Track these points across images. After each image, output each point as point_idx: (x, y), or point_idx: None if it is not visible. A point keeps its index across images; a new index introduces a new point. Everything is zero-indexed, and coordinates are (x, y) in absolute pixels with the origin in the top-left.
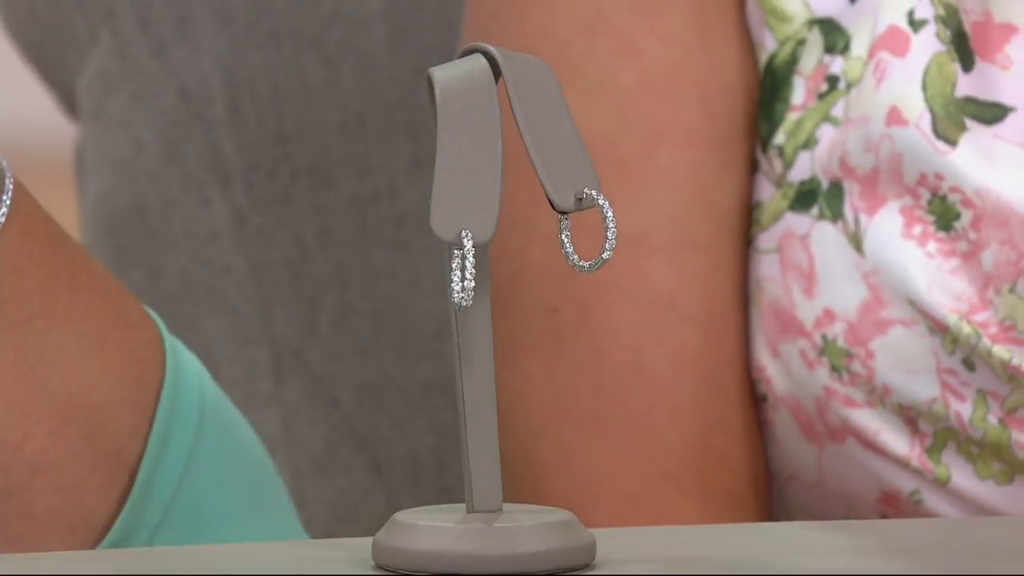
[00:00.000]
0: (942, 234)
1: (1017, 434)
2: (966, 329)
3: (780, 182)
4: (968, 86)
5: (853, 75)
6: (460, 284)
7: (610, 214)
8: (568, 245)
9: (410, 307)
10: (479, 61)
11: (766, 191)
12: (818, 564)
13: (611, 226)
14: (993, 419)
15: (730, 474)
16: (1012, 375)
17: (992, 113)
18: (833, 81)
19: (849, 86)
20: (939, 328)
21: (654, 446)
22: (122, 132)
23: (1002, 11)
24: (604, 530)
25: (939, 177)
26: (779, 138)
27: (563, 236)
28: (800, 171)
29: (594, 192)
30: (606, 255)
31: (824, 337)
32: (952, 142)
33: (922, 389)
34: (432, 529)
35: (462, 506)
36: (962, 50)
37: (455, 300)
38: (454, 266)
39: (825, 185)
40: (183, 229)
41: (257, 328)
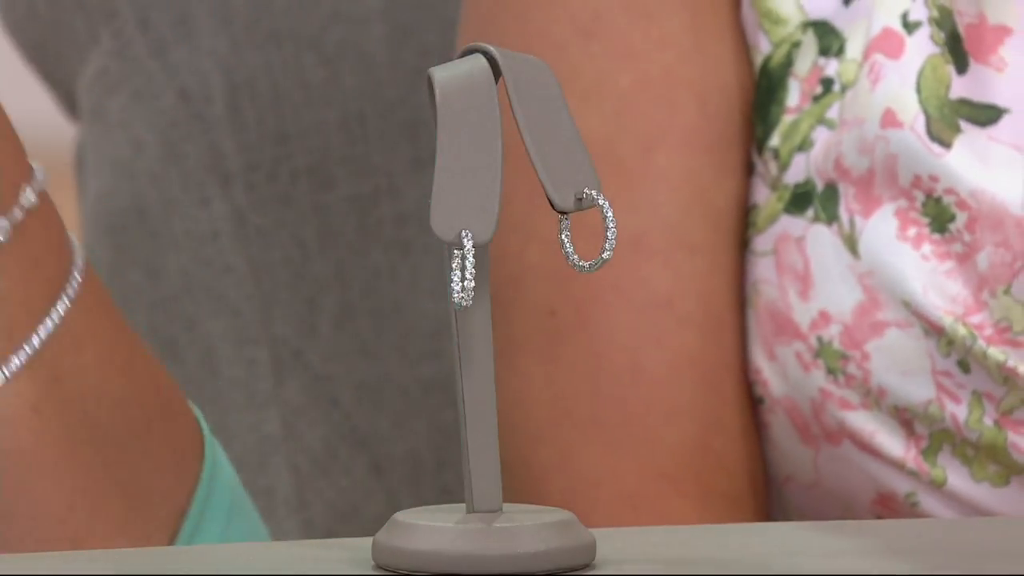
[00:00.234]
0: (937, 236)
1: (1013, 436)
2: (961, 331)
3: (775, 184)
4: (962, 88)
5: (848, 77)
6: (460, 284)
7: (610, 214)
8: (568, 245)
9: (410, 307)
10: (479, 61)
11: (762, 193)
12: (816, 564)
13: (611, 226)
14: (988, 421)
15: (728, 475)
16: (1007, 377)
17: (986, 115)
18: (828, 83)
19: (844, 88)
20: (934, 330)
21: (652, 447)
22: (122, 132)
23: (996, 13)
24: (604, 530)
25: (934, 179)
26: (774, 140)
27: (563, 236)
28: (795, 173)
29: (594, 192)
30: (606, 255)
31: (820, 339)
32: (947, 144)
33: (917, 391)
34: (432, 529)
35: (462, 506)
36: (956, 52)
37: (455, 300)
38: (454, 266)
39: (820, 187)
40: (183, 229)
41: (257, 328)
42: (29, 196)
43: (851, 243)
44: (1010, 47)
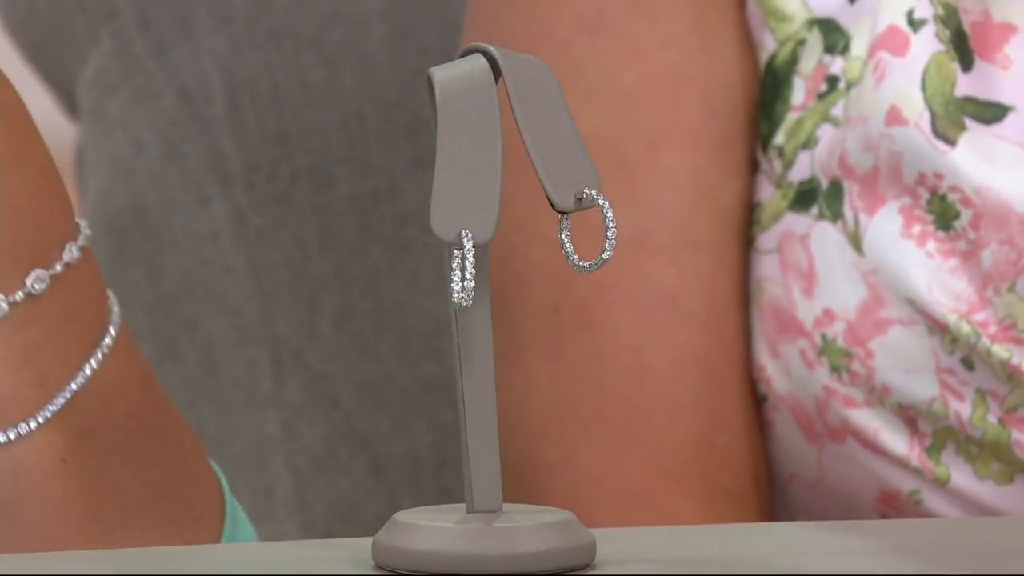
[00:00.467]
0: (941, 233)
1: (1017, 434)
2: (965, 328)
3: (780, 182)
4: (967, 86)
5: (853, 75)
6: (460, 284)
7: (610, 214)
8: (568, 245)
9: (410, 307)
10: (479, 61)
11: (766, 191)
12: (819, 564)
13: (611, 226)
14: (992, 419)
15: (731, 473)
16: (1011, 374)
17: (991, 113)
18: (833, 81)
19: (849, 86)
20: (938, 328)
21: (656, 445)
22: (122, 132)
23: (1001, 11)
24: (605, 530)
25: (938, 176)
26: (779, 138)
27: (563, 236)
28: (800, 171)
29: (594, 192)
30: (606, 255)
31: (824, 337)
32: (951, 141)
33: (921, 389)
34: (432, 529)
35: (462, 506)
36: (961, 50)
37: (455, 300)
38: (454, 266)
39: (825, 185)
40: (183, 229)
41: (257, 328)
42: (72, 251)
43: (855, 240)
44: (1015, 45)
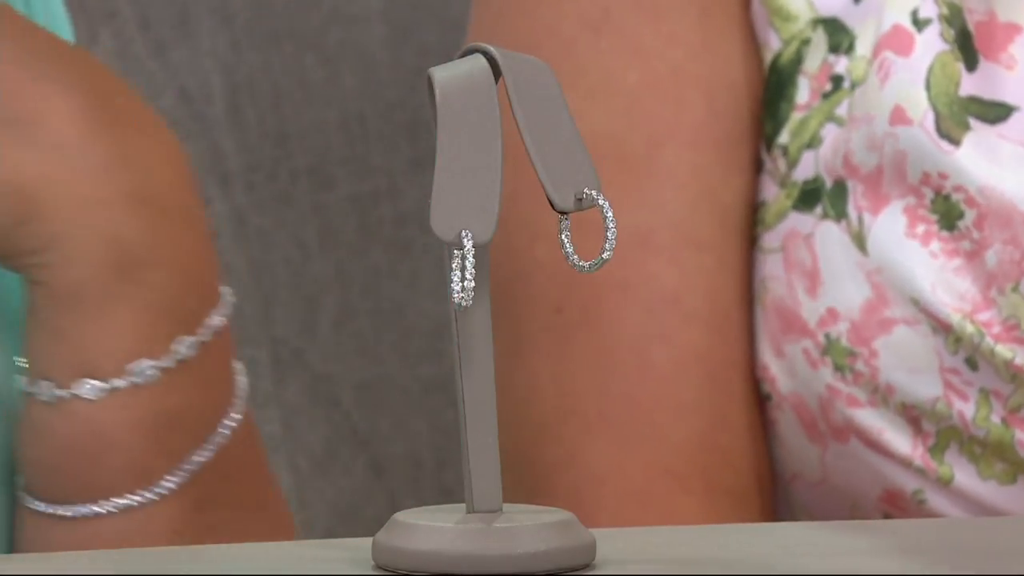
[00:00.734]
0: (945, 233)
1: (1020, 434)
2: (969, 328)
3: (784, 181)
4: (972, 85)
5: (857, 74)
6: (460, 284)
7: (610, 214)
8: (568, 245)
9: (410, 307)
10: (479, 61)
11: (770, 190)
12: (820, 564)
13: (611, 226)
14: (996, 419)
15: (734, 472)
16: (1015, 375)
17: (996, 112)
18: (837, 80)
19: (853, 85)
20: (942, 327)
21: (659, 443)
22: None
23: (1006, 11)
24: (605, 530)
25: (943, 176)
26: (783, 137)
27: (563, 236)
28: (804, 170)
29: (594, 192)
30: (606, 255)
31: (827, 336)
32: (956, 141)
33: (925, 388)
34: (432, 529)
35: (462, 506)
36: (966, 49)
37: (455, 300)
38: (454, 266)
39: (829, 184)
40: None
41: (257, 328)
42: (217, 319)
43: (860, 240)
44: (1020, 45)
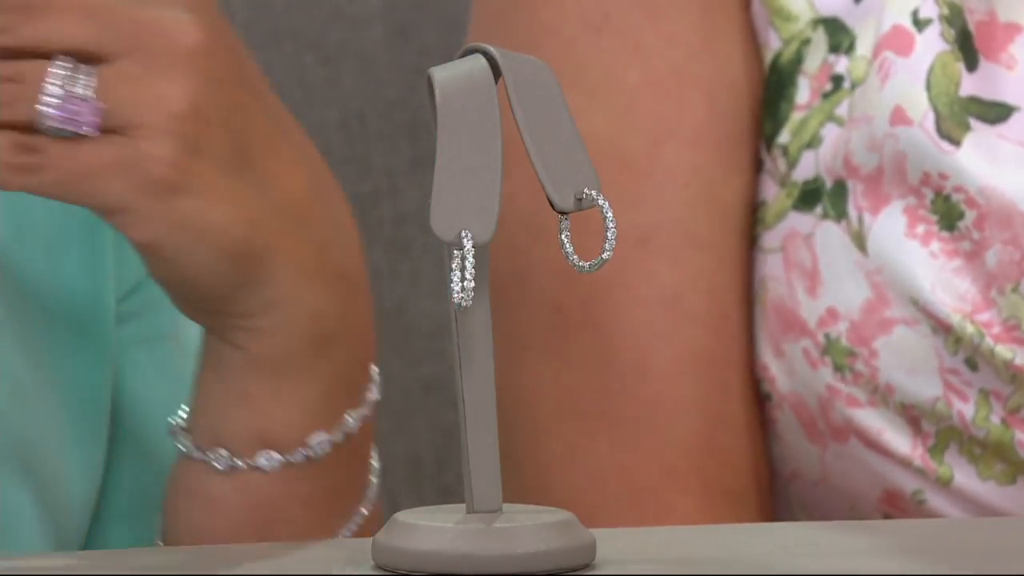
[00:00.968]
0: (946, 234)
1: (1020, 434)
2: (969, 329)
3: (784, 181)
4: (972, 86)
5: (857, 74)
6: (460, 284)
7: (610, 214)
8: (568, 245)
9: (410, 307)
10: (479, 61)
11: (770, 190)
12: (819, 564)
13: (611, 226)
14: (995, 419)
15: (733, 471)
16: (1015, 375)
17: (996, 113)
18: (837, 80)
19: (853, 85)
20: (942, 328)
21: (659, 443)
22: None
23: (1007, 11)
24: (604, 530)
25: (943, 176)
26: (783, 137)
27: (563, 236)
28: (804, 170)
29: (594, 192)
30: (606, 255)
31: (827, 336)
32: (956, 141)
33: (925, 389)
34: (432, 529)
35: (462, 506)
36: (966, 49)
37: (455, 300)
38: (454, 266)
39: (829, 184)
40: None
41: None
42: (373, 393)
43: (860, 240)
44: (1020, 45)
